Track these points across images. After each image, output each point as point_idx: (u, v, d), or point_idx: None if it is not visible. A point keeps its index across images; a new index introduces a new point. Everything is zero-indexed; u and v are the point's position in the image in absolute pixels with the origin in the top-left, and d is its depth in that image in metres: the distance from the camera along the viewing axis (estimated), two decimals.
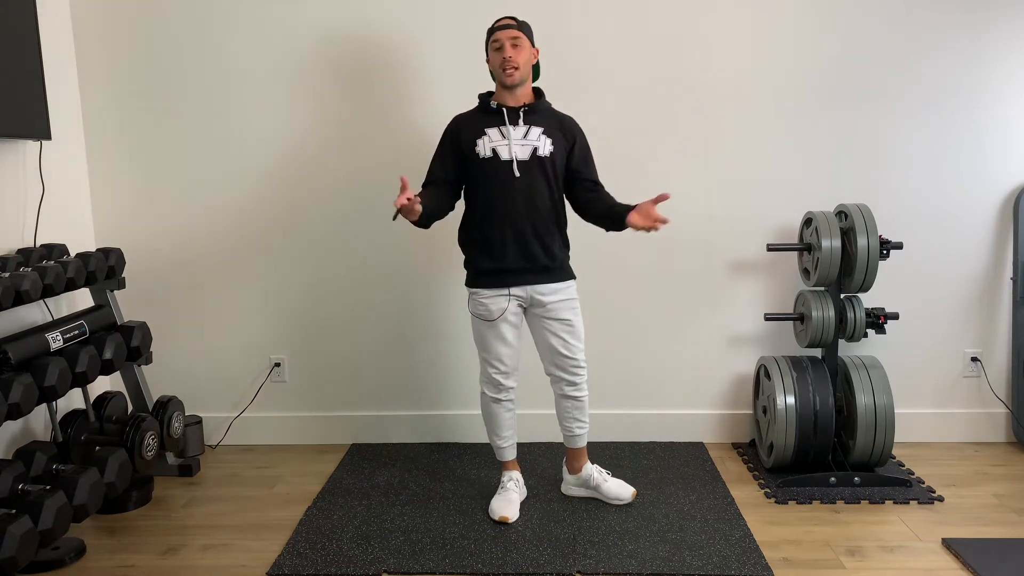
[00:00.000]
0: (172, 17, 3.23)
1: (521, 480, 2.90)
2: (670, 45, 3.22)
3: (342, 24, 3.22)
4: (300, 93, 3.27)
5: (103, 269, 2.95)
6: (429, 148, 3.28)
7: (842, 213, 3.05)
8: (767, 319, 3.16)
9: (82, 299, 3.20)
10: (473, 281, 2.75)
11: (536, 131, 2.65)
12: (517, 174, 2.62)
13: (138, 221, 3.37)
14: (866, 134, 3.26)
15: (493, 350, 2.73)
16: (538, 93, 2.75)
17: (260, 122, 3.29)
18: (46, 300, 2.96)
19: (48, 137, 2.88)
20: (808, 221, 3.11)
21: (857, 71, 3.23)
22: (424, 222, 2.62)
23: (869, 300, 3.33)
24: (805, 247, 3.11)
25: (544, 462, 3.23)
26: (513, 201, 2.62)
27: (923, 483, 3.01)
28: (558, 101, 3.23)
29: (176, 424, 3.02)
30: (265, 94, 3.27)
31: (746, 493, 2.94)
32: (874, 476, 2.97)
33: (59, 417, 2.87)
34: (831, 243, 2.94)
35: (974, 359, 3.40)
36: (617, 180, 3.25)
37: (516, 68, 2.59)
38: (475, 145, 2.65)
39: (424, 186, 2.74)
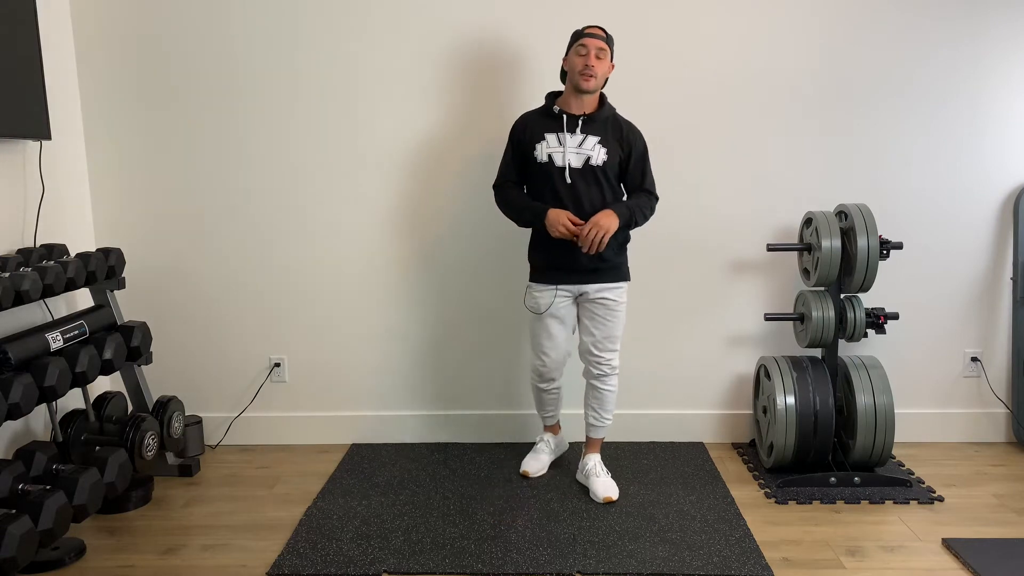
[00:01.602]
0: (172, 17, 3.23)
1: (553, 441, 3.15)
2: (669, 46, 3.22)
3: (342, 25, 3.22)
4: (300, 92, 3.27)
5: (103, 269, 2.95)
6: (432, 146, 3.28)
7: (842, 213, 3.05)
8: (767, 319, 3.16)
9: (82, 299, 3.20)
10: (530, 275, 2.92)
11: (592, 140, 2.75)
12: (569, 181, 2.74)
13: (138, 221, 3.37)
14: (866, 134, 3.26)
15: (539, 343, 2.93)
16: (602, 100, 2.81)
17: (260, 121, 3.29)
18: (46, 300, 2.96)
19: (48, 137, 2.88)
20: (808, 221, 3.11)
21: (857, 71, 3.23)
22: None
23: (869, 300, 3.33)
24: (805, 247, 3.11)
25: None
26: (564, 206, 2.75)
27: (923, 483, 3.01)
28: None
29: (176, 424, 3.02)
30: (264, 93, 3.27)
31: (746, 493, 2.94)
32: (874, 476, 2.97)
33: (59, 417, 2.87)
34: (831, 243, 2.94)
35: (974, 359, 3.40)
36: None
37: (594, 77, 2.70)
38: (534, 148, 2.78)
39: (501, 185, 2.90)
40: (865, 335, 3.02)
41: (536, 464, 3.09)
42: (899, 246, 2.98)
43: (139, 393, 3.07)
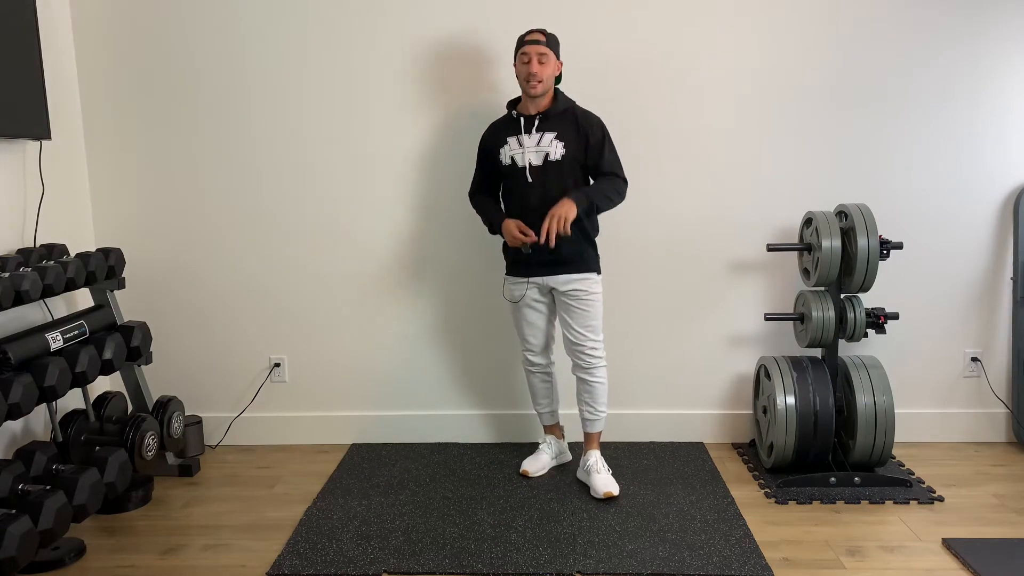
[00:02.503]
0: (172, 17, 3.23)
1: (555, 444, 3.17)
2: (669, 46, 3.22)
3: (342, 25, 3.22)
4: (300, 92, 3.27)
5: (103, 269, 2.95)
6: (432, 147, 3.29)
7: (842, 213, 3.05)
8: (767, 319, 3.16)
9: (82, 299, 3.20)
10: (506, 268, 3.02)
11: (549, 136, 2.82)
12: (530, 180, 2.83)
13: (138, 221, 3.37)
14: (866, 134, 3.26)
15: (520, 330, 3.05)
16: (556, 95, 2.87)
17: (260, 121, 3.29)
18: (46, 300, 2.96)
19: (48, 137, 2.88)
20: (808, 221, 3.11)
21: (857, 71, 3.23)
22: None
23: (869, 300, 3.33)
24: (805, 247, 3.11)
25: None
26: (529, 203, 2.83)
27: (923, 483, 3.01)
28: None
29: (176, 424, 3.02)
30: (265, 93, 3.27)
31: (746, 493, 2.94)
32: (874, 476, 2.97)
33: (59, 417, 2.87)
34: (831, 243, 2.94)
35: (974, 359, 3.40)
36: None
37: (540, 81, 2.77)
38: (498, 153, 2.90)
39: (473, 195, 3.06)
40: (865, 335, 3.02)
41: (535, 464, 3.10)
42: (899, 246, 2.98)
43: (139, 393, 3.08)
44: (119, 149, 3.32)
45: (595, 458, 2.98)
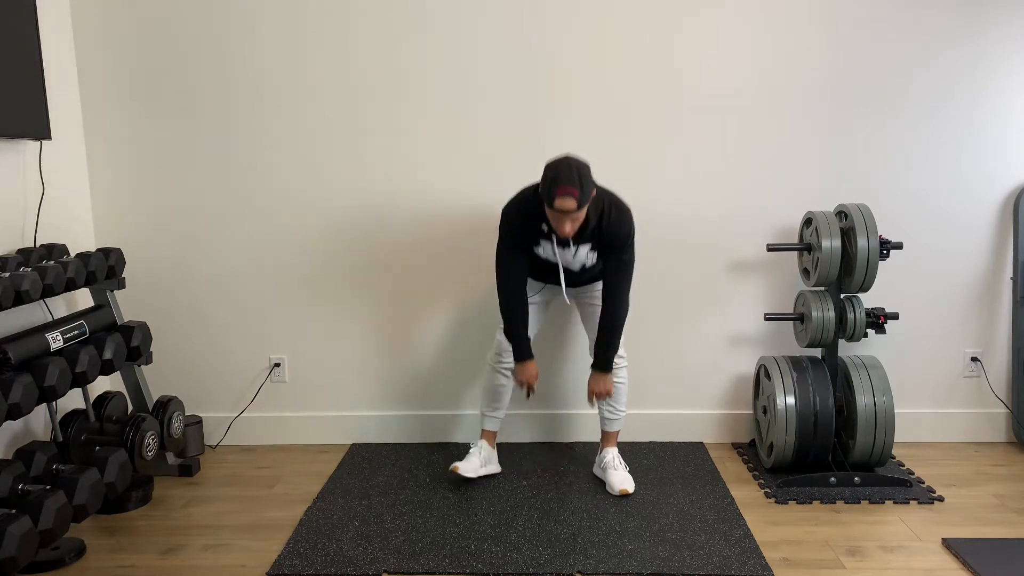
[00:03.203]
0: (172, 17, 3.23)
1: (485, 450, 3.07)
2: (670, 47, 3.22)
3: (342, 26, 3.22)
4: (300, 92, 3.27)
5: (103, 269, 2.95)
6: (432, 148, 3.28)
7: (842, 213, 3.05)
8: (767, 319, 3.16)
9: (82, 299, 3.20)
10: None
11: (584, 249, 2.76)
12: (563, 278, 2.82)
13: (138, 221, 3.37)
14: (866, 134, 3.26)
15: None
16: (588, 214, 2.65)
17: (260, 121, 3.29)
18: (46, 300, 2.96)
19: (48, 137, 2.88)
20: (808, 221, 3.11)
21: (857, 71, 3.23)
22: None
23: (869, 300, 3.33)
24: (805, 247, 3.11)
25: (546, 461, 3.23)
26: (554, 277, 2.87)
27: (923, 483, 3.01)
28: (559, 104, 3.23)
29: (176, 424, 3.02)
30: (265, 93, 3.27)
31: (746, 493, 2.94)
32: (874, 476, 2.97)
33: (59, 417, 2.87)
34: (831, 243, 2.94)
35: (974, 359, 3.40)
36: (618, 181, 3.25)
37: (573, 232, 2.61)
38: (534, 245, 2.79)
39: (506, 285, 2.82)
40: (865, 335, 3.02)
41: (467, 465, 2.99)
42: (899, 246, 2.98)
43: (139, 393, 3.07)
44: (119, 149, 3.32)
45: (612, 455, 3.00)
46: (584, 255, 2.75)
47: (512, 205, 2.78)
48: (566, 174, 2.50)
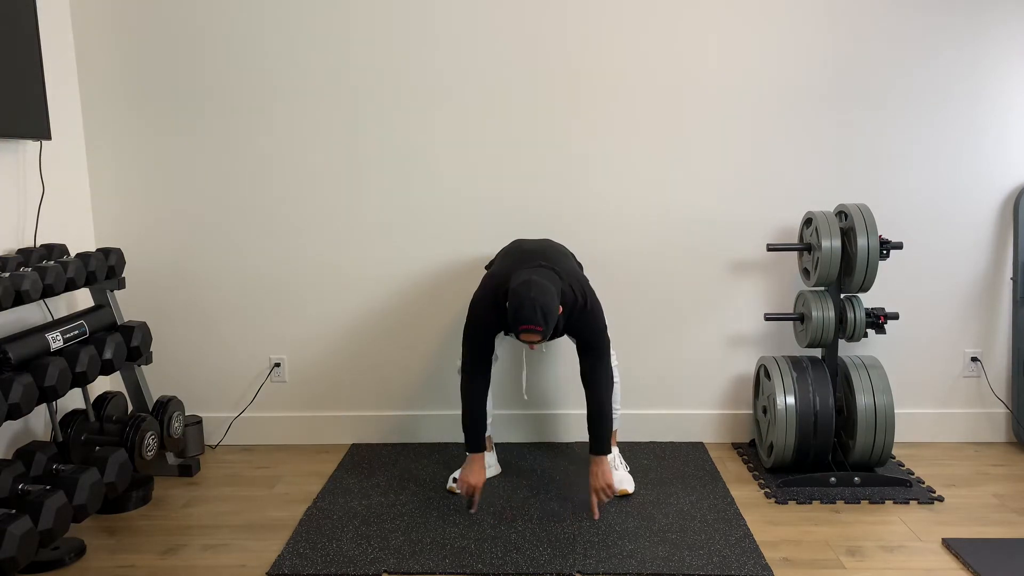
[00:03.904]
0: (172, 17, 3.23)
1: (487, 457, 3.05)
2: (670, 46, 3.22)
3: (342, 27, 3.22)
4: (300, 92, 3.27)
5: (103, 269, 2.95)
6: (432, 148, 3.28)
7: (842, 213, 3.05)
8: (767, 319, 3.15)
9: (82, 299, 3.20)
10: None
11: (546, 342, 2.85)
12: (524, 381, 3.08)
13: (138, 221, 3.37)
14: (866, 134, 3.26)
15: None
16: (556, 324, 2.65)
17: (260, 122, 3.29)
18: (46, 300, 2.96)
19: (48, 137, 2.88)
20: (808, 221, 3.11)
21: (857, 71, 3.23)
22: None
23: (869, 300, 3.33)
24: (805, 247, 3.11)
25: (546, 461, 3.23)
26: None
27: (923, 483, 3.01)
28: (558, 104, 3.23)
29: (176, 424, 3.02)
30: (265, 93, 3.27)
31: (746, 493, 2.94)
32: (874, 476, 2.97)
33: (59, 417, 2.87)
34: (831, 243, 2.94)
35: (974, 359, 3.40)
36: (618, 182, 3.26)
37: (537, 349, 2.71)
38: (498, 335, 2.79)
39: (470, 373, 2.74)
40: (865, 335, 3.02)
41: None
42: (899, 246, 2.98)
43: (139, 393, 3.07)
44: (119, 149, 3.32)
45: (612, 455, 3.00)
46: (544, 346, 2.88)
47: (478, 300, 2.71)
48: (530, 309, 2.44)
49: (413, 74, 3.24)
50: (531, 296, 2.46)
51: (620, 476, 2.93)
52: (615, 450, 3.03)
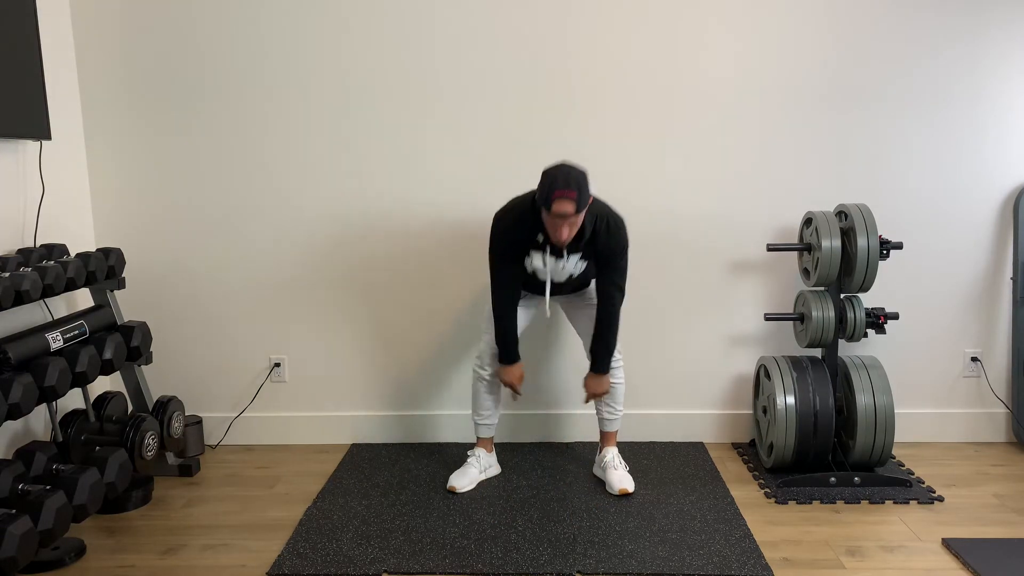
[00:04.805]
0: (172, 17, 3.23)
1: (484, 457, 3.07)
2: (670, 46, 3.22)
3: (343, 28, 3.22)
4: (300, 92, 3.27)
5: (103, 269, 2.95)
6: (432, 148, 3.28)
7: (842, 213, 3.05)
8: (767, 319, 3.16)
9: (82, 299, 3.20)
10: None
11: (574, 258, 2.76)
12: (548, 286, 2.81)
13: (138, 221, 3.37)
14: (866, 134, 3.26)
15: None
16: (583, 225, 2.66)
17: (260, 122, 3.29)
18: (46, 300, 2.96)
19: (48, 137, 2.88)
20: (808, 221, 3.11)
21: (857, 71, 3.23)
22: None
23: (869, 300, 3.33)
24: (805, 247, 3.11)
25: (546, 461, 3.23)
26: (539, 292, 2.87)
27: (923, 483, 3.01)
28: (558, 103, 3.24)
29: (176, 424, 3.02)
30: (264, 94, 3.27)
31: (746, 493, 2.94)
32: (874, 476, 2.97)
33: (59, 417, 2.87)
34: (831, 243, 2.94)
35: (974, 359, 3.40)
36: (618, 182, 3.26)
37: (568, 238, 2.61)
38: (521, 259, 2.78)
39: (499, 290, 2.81)
40: (865, 335, 3.02)
41: (464, 479, 2.97)
42: (899, 246, 2.98)
43: (139, 393, 3.07)
44: (119, 149, 3.32)
45: (612, 455, 3.01)
46: (573, 265, 2.76)
47: (505, 213, 2.77)
48: (564, 179, 2.50)
49: (413, 74, 3.24)
50: (563, 169, 2.54)
51: (620, 476, 2.93)
52: (614, 450, 3.03)
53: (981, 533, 2.62)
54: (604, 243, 2.72)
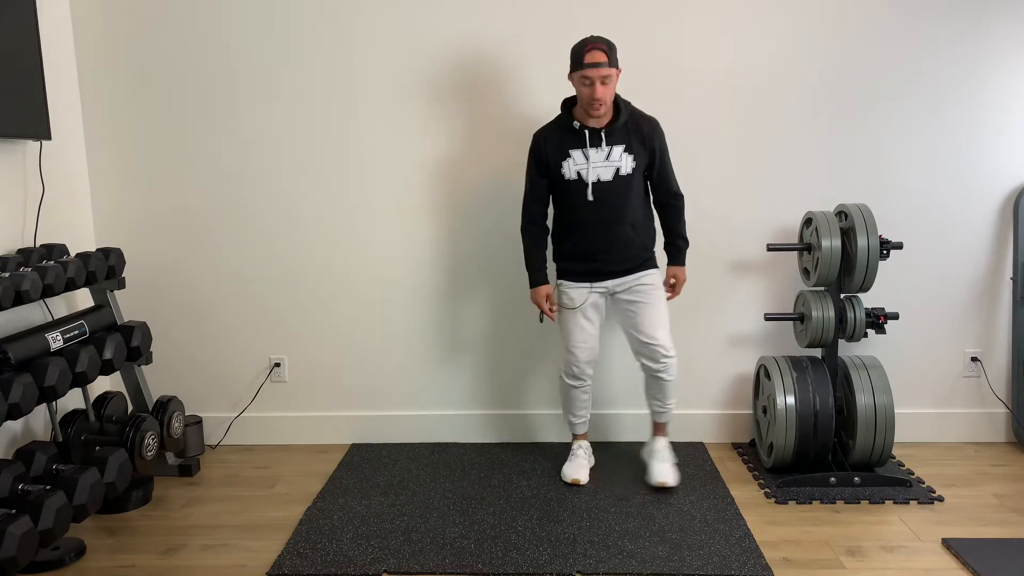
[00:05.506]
0: (172, 17, 3.23)
1: (590, 449, 3.13)
2: (670, 45, 3.22)
3: (343, 29, 3.22)
4: (300, 94, 3.27)
5: (103, 269, 2.95)
6: (431, 149, 3.28)
7: (842, 213, 3.05)
8: (767, 319, 3.16)
9: (82, 299, 3.20)
10: (559, 275, 2.96)
11: (618, 150, 2.74)
12: (591, 198, 2.76)
13: (138, 221, 3.37)
14: (866, 134, 3.26)
15: (571, 338, 2.93)
16: (617, 103, 2.78)
17: (259, 122, 3.29)
18: (46, 300, 2.96)
19: (48, 137, 2.88)
20: (808, 221, 3.11)
21: (858, 71, 3.23)
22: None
23: (869, 300, 3.33)
24: (805, 247, 3.11)
25: (546, 462, 3.23)
26: (587, 221, 2.81)
27: (923, 483, 3.01)
28: (558, 103, 3.23)
29: (176, 424, 3.02)
30: (264, 95, 3.27)
31: (746, 493, 2.94)
32: (874, 476, 2.97)
33: (59, 417, 2.87)
34: (831, 243, 2.94)
35: (974, 359, 3.40)
36: None
37: (604, 104, 2.69)
38: (560, 167, 2.78)
39: (526, 228, 2.92)
40: (865, 335, 3.02)
41: (583, 471, 3.02)
42: (899, 246, 2.98)
43: (139, 393, 3.08)
44: (119, 149, 3.32)
45: (662, 444, 3.03)
46: (618, 156, 2.72)
47: (538, 133, 2.85)
48: (593, 37, 2.66)
49: (416, 73, 3.24)
50: (593, 35, 2.68)
51: (663, 469, 2.94)
52: (665, 440, 3.05)
53: (981, 533, 2.62)
54: (647, 129, 2.78)
